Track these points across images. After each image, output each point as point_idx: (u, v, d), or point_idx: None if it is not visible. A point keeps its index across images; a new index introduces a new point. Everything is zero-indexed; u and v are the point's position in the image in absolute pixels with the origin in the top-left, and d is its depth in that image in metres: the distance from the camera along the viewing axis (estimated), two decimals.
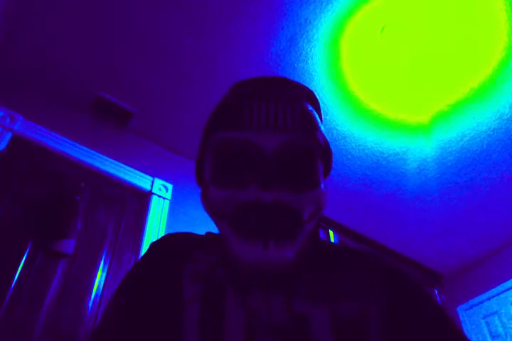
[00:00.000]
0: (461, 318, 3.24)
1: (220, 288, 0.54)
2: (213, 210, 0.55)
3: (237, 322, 0.50)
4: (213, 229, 0.64)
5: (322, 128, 0.59)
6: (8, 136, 1.95)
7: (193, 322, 0.51)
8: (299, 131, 0.53)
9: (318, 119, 0.58)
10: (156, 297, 0.57)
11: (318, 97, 0.66)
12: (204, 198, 0.57)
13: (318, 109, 0.61)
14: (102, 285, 1.82)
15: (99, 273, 1.84)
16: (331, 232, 2.26)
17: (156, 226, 2.13)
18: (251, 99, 0.55)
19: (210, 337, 0.50)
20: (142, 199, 2.25)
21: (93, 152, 2.19)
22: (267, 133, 0.52)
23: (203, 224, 1.46)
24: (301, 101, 0.56)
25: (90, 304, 1.74)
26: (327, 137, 0.61)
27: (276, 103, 0.54)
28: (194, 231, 0.70)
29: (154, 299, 0.57)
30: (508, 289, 3.03)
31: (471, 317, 3.19)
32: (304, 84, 0.63)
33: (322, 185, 0.55)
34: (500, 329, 2.97)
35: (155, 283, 0.59)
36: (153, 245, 0.66)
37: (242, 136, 0.52)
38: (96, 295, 1.77)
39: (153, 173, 2.36)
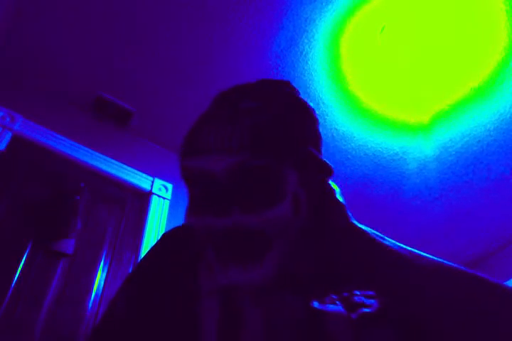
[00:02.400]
0: None
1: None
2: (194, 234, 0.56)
3: (256, 319, 0.50)
4: None
5: (293, 135, 0.54)
6: (8, 135, 1.95)
7: (212, 316, 0.51)
8: (247, 151, 0.50)
9: (285, 128, 0.54)
10: (171, 288, 0.56)
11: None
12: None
13: (293, 108, 0.58)
14: (102, 285, 1.82)
15: (99, 273, 1.84)
16: None
17: (156, 226, 2.13)
18: (205, 122, 0.55)
19: (228, 332, 0.49)
20: (142, 199, 2.25)
21: (93, 152, 2.19)
22: (216, 157, 0.50)
23: None
24: (257, 115, 0.52)
25: (90, 304, 1.73)
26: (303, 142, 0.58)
27: (225, 124, 0.52)
28: None
29: (169, 290, 0.56)
30: None
31: None
32: (282, 83, 0.60)
33: (287, 200, 0.52)
34: None
35: (170, 273, 0.58)
36: (167, 236, 0.65)
37: (195, 163, 0.52)
38: (96, 295, 1.77)
39: (153, 173, 2.36)
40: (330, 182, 0.62)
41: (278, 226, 0.51)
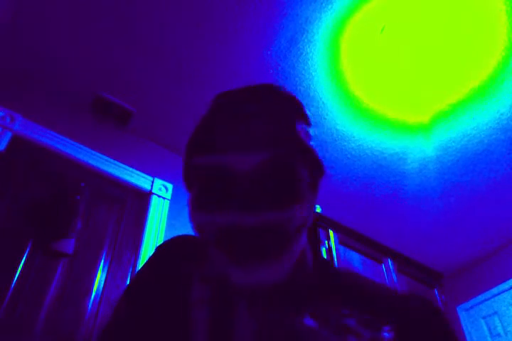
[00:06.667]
0: (461, 318, 3.24)
1: (230, 292, 0.54)
2: (198, 233, 0.55)
3: (246, 329, 0.50)
4: None
5: (303, 135, 0.56)
6: (8, 136, 1.95)
7: (202, 326, 0.51)
8: (271, 148, 0.51)
9: (298, 128, 0.56)
10: (163, 298, 0.57)
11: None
12: (191, 220, 0.57)
13: (301, 116, 0.59)
14: (102, 285, 1.82)
15: (99, 273, 1.84)
16: (331, 232, 2.25)
17: (156, 226, 2.13)
18: (222, 120, 0.54)
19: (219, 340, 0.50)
20: (142, 199, 2.25)
21: (93, 152, 2.19)
22: (239, 154, 0.51)
23: None
24: (274, 116, 0.54)
25: (90, 304, 1.74)
26: (315, 142, 0.60)
27: (247, 122, 0.53)
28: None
29: (161, 301, 0.57)
30: (508, 289, 3.03)
31: (471, 317, 3.19)
32: (288, 89, 0.62)
33: (306, 197, 0.54)
34: (500, 329, 2.97)
35: (163, 284, 0.59)
36: (161, 247, 0.66)
37: (215, 160, 0.52)
38: (96, 295, 1.77)
39: (153, 173, 2.36)
40: None
41: (298, 222, 0.52)
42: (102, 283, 1.83)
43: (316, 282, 0.57)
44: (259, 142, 0.51)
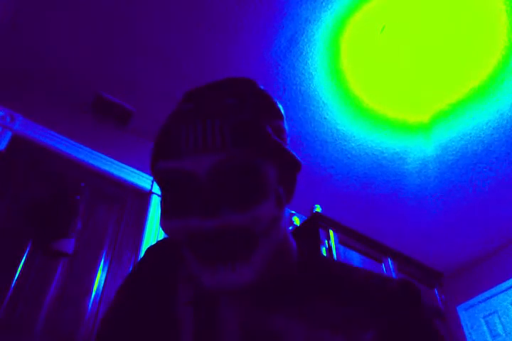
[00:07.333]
0: (461, 318, 3.24)
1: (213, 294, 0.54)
2: (170, 237, 0.55)
3: (232, 328, 0.51)
4: None
5: (271, 130, 0.54)
6: (8, 135, 1.95)
7: (190, 325, 0.52)
8: (229, 149, 0.49)
9: (265, 124, 0.54)
10: (152, 300, 0.58)
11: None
12: (160, 225, 0.57)
13: (270, 111, 0.58)
14: (102, 285, 1.82)
15: (99, 273, 1.84)
16: (331, 232, 2.25)
17: (156, 226, 2.13)
18: (180, 121, 0.53)
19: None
20: (142, 198, 2.25)
21: (93, 152, 2.19)
22: (197, 157, 0.49)
23: None
24: (237, 114, 0.52)
25: (90, 304, 1.74)
26: (289, 140, 0.58)
27: (204, 122, 0.51)
28: None
29: (150, 302, 0.58)
30: (508, 289, 3.03)
31: (471, 317, 3.19)
32: (250, 80, 0.59)
33: (274, 194, 0.53)
34: (500, 329, 2.97)
35: (151, 286, 0.60)
36: (149, 250, 0.67)
37: (174, 164, 0.50)
38: (96, 295, 1.77)
39: None
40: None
41: (265, 223, 0.50)
42: (102, 283, 1.83)
43: (304, 279, 0.57)
44: (215, 144, 0.50)
